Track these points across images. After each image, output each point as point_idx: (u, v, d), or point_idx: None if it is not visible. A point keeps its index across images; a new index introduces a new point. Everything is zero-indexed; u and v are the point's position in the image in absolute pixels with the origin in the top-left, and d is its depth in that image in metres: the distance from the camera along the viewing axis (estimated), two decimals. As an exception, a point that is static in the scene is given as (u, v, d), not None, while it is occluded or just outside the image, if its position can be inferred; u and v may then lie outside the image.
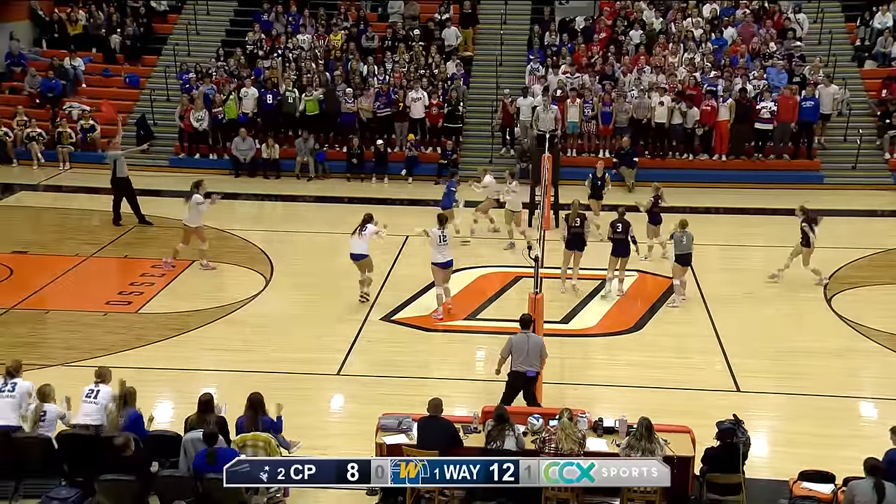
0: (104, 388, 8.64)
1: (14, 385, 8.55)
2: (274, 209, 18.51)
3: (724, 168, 19.60)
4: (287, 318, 12.68)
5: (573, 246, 13.30)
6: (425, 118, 20.19)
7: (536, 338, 9.38)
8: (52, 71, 21.26)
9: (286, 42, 22.24)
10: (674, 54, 21.04)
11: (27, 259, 14.74)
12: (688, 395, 10.50)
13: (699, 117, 19.35)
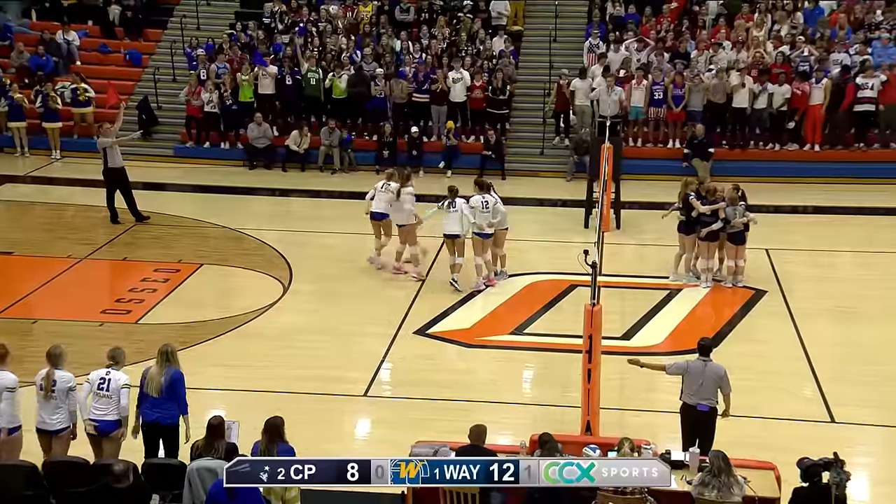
0: (115, 376, 8.82)
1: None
2: (293, 206, 18.73)
3: (816, 160, 19.38)
4: (307, 330, 12.84)
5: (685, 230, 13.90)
6: (467, 102, 20.29)
7: (717, 367, 9.24)
8: (42, 46, 21.65)
9: (309, 14, 22.50)
10: (759, 27, 20.88)
11: (12, 261, 15.11)
12: (772, 426, 10.44)
13: (788, 99, 19.14)
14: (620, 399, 10.92)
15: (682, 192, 14.10)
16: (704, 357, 9.28)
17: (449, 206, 13.80)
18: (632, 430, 9.26)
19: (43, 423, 8.84)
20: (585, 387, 9.58)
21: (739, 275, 14.11)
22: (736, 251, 13.94)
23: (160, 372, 8.85)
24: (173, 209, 17.35)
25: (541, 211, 17.42)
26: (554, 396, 11.12)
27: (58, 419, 8.82)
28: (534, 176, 19.64)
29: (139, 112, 20.85)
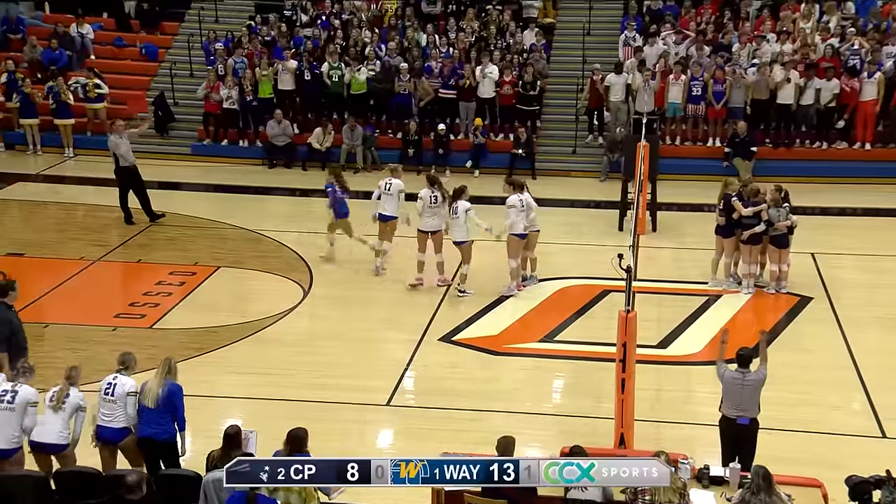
0: (122, 381, 8.87)
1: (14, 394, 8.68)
2: (313, 206, 18.78)
3: (867, 159, 19.20)
4: (328, 336, 12.90)
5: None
6: (496, 99, 20.28)
7: (756, 376, 9.21)
8: (55, 39, 21.88)
9: (332, 6, 22.60)
10: (806, 18, 20.71)
11: (23, 262, 15.25)
12: (817, 440, 10.36)
13: (837, 95, 18.95)
14: (656, 411, 10.87)
15: (722, 193, 14.01)
16: (743, 368, 9.21)
17: (451, 212, 13.71)
18: (668, 444, 9.22)
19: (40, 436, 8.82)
20: (619, 397, 9.55)
21: (783, 280, 14.00)
22: (779, 255, 13.83)
23: (158, 383, 8.88)
24: (189, 209, 17.47)
25: (573, 212, 17.38)
26: (586, 407, 11.09)
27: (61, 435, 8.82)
28: (565, 176, 19.60)
29: (155, 108, 21.00)
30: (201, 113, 20.89)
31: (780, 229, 13.60)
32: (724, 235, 14.02)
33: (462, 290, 13.86)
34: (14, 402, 8.68)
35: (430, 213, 13.97)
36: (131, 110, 20.41)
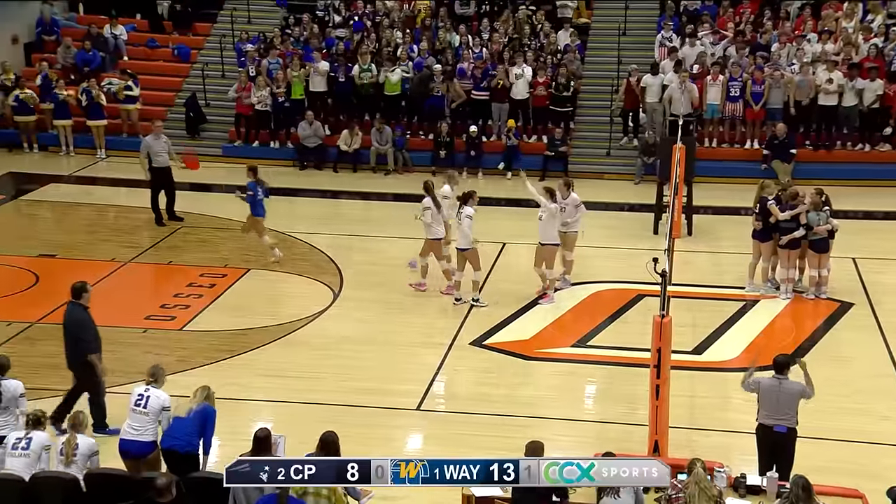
0: (155, 394, 8.84)
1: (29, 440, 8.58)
2: (344, 208, 18.88)
3: (912, 162, 19.01)
4: (358, 339, 12.93)
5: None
6: (529, 100, 20.25)
7: (794, 385, 9.13)
8: (88, 41, 22.12)
9: (364, 7, 22.68)
10: (849, 17, 20.48)
11: (55, 264, 15.45)
12: (859, 450, 10.25)
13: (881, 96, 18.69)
14: (691, 417, 10.81)
15: (758, 195, 13.91)
16: (780, 375, 9.12)
17: (458, 218, 13.61)
18: (703, 452, 9.13)
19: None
20: (653, 404, 9.47)
21: (823, 285, 13.85)
22: (819, 260, 13.69)
23: (192, 401, 8.82)
24: (220, 211, 17.59)
25: (607, 216, 17.29)
26: (619, 413, 11.05)
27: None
28: (599, 178, 19.54)
29: (187, 109, 21.18)
30: (232, 114, 21.04)
31: (819, 234, 13.47)
32: (760, 239, 13.91)
33: (476, 298, 13.70)
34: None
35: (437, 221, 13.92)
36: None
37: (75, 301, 10.35)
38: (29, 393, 11.07)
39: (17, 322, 13.20)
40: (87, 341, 10.26)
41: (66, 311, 10.44)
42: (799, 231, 13.50)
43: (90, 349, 10.22)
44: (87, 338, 10.27)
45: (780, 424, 9.00)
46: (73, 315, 10.32)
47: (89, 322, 10.34)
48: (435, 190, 14.16)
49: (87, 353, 10.21)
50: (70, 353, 10.39)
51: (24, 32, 23.01)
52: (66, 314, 10.42)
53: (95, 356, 10.24)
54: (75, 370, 10.44)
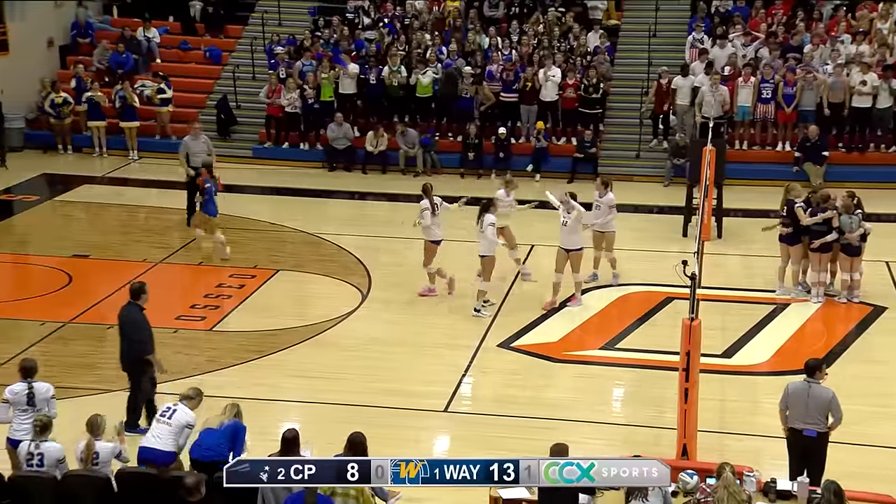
0: (184, 409, 8.82)
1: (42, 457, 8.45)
2: (372, 209, 18.92)
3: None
4: (386, 341, 12.95)
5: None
6: (558, 102, 20.21)
7: (823, 389, 9.05)
8: (122, 44, 22.32)
9: (394, 9, 22.73)
10: (883, 18, 20.26)
11: (88, 264, 15.60)
12: (892, 456, 10.15)
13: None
14: (720, 421, 10.74)
15: (784, 198, 13.80)
16: (810, 378, 9.03)
17: (479, 225, 13.41)
18: (732, 456, 9.07)
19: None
20: (682, 407, 9.43)
21: (855, 289, 13.71)
22: (851, 263, 13.55)
23: (221, 417, 8.81)
24: (250, 212, 17.69)
25: (636, 218, 17.22)
26: (647, 417, 11.00)
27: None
28: (629, 180, 19.41)
29: (218, 111, 21.32)
30: (263, 116, 21.15)
31: (850, 240, 13.32)
32: (788, 243, 13.79)
33: (478, 308, 13.52)
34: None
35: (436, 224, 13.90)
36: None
37: (133, 301, 10.44)
38: (61, 392, 11.21)
39: (50, 322, 13.33)
40: (141, 342, 10.34)
41: (122, 312, 10.51)
42: (831, 235, 13.37)
43: (144, 350, 10.31)
44: (141, 338, 10.35)
45: (810, 428, 8.92)
46: (130, 315, 10.41)
47: (144, 323, 10.41)
48: (506, 189, 14.27)
49: (142, 354, 10.29)
50: (125, 354, 10.48)
51: (60, 35, 23.25)
52: (122, 314, 10.50)
53: (153, 356, 10.33)
54: (129, 370, 10.52)
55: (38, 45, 22.46)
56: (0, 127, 20.50)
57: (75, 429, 8.64)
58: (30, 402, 8.95)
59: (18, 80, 21.41)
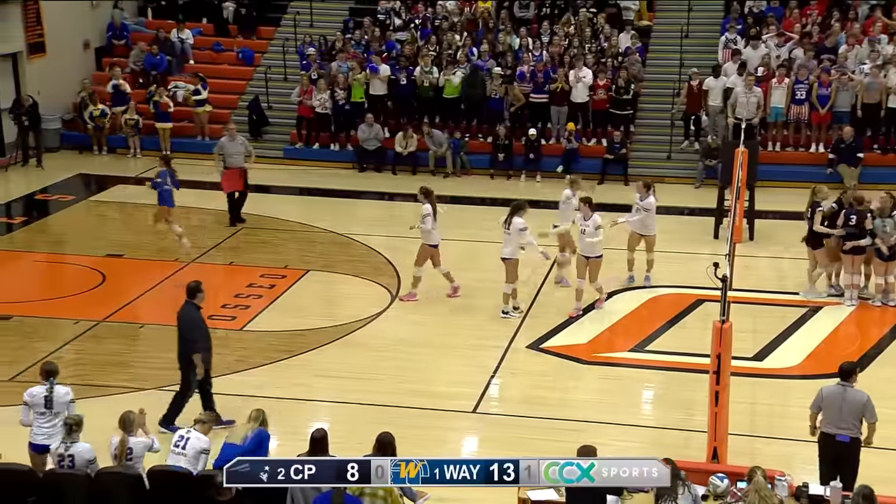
0: (195, 436, 8.62)
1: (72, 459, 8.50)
2: (402, 210, 18.91)
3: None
4: (415, 341, 12.97)
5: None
6: (589, 103, 20.12)
7: (858, 393, 8.96)
8: (155, 45, 22.51)
9: (425, 10, 22.75)
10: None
11: (121, 263, 15.74)
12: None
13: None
14: (751, 425, 10.66)
15: (811, 201, 13.66)
16: (844, 382, 8.92)
17: (505, 226, 13.32)
18: (763, 460, 9.00)
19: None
20: (712, 410, 9.38)
21: (890, 293, 13.54)
22: (886, 267, 13.38)
23: (247, 427, 8.75)
24: (280, 212, 17.77)
25: (666, 219, 17.00)
26: (676, 419, 10.95)
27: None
28: (659, 182, 19.15)
29: (250, 112, 21.43)
30: (294, 117, 21.24)
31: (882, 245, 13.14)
32: (812, 246, 13.64)
33: (506, 310, 13.51)
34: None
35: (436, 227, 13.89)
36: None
37: (189, 300, 10.54)
38: (93, 390, 11.43)
39: (84, 320, 13.45)
40: (194, 341, 10.44)
41: (180, 311, 10.62)
42: (865, 241, 13.22)
43: (196, 349, 10.40)
44: (195, 337, 10.45)
45: (843, 434, 8.82)
46: (187, 314, 10.54)
47: (200, 322, 10.54)
48: (571, 188, 14.11)
49: (194, 353, 10.38)
50: (180, 351, 10.59)
51: (96, 37, 23.49)
52: (180, 313, 10.61)
53: (199, 356, 10.41)
54: (182, 367, 10.63)
55: (74, 46, 22.70)
56: (37, 128, 20.74)
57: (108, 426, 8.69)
58: (47, 404, 8.95)
59: (55, 81, 21.68)
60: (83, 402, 10.05)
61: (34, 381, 11.57)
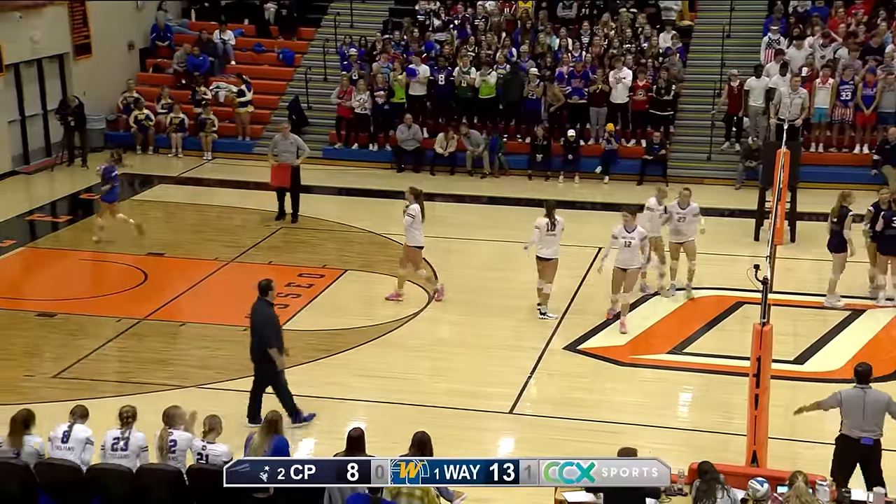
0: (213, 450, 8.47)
1: (127, 442, 8.60)
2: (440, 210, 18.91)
3: None
4: (452, 342, 12.98)
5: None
6: (628, 104, 20.00)
7: (879, 394, 8.94)
8: (197, 47, 22.72)
9: (465, 10, 22.74)
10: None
11: (162, 262, 15.90)
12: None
13: None
14: (792, 429, 10.50)
15: (837, 206, 13.45)
16: (863, 384, 8.87)
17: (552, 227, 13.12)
18: (804, 464, 8.87)
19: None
20: (752, 413, 9.28)
21: None
22: None
23: (263, 442, 8.56)
24: (318, 212, 17.85)
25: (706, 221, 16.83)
26: (715, 422, 10.85)
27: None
28: (699, 183, 19.06)
29: (290, 112, 21.55)
30: (333, 117, 21.32)
31: None
32: (835, 251, 13.44)
33: (543, 311, 13.43)
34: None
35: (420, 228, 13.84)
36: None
37: (261, 297, 10.68)
38: (135, 387, 11.55)
39: (126, 318, 13.60)
40: (268, 337, 10.57)
41: (253, 307, 10.76)
42: None
43: (270, 344, 10.53)
44: (269, 334, 10.58)
45: (867, 436, 8.79)
46: (260, 311, 10.66)
47: (273, 318, 10.68)
48: (657, 197, 13.91)
49: (269, 348, 10.51)
50: (254, 348, 10.71)
51: (140, 39, 23.76)
52: (253, 310, 10.75)
53: (275, 351, 10.54)
54: (256, 364, 10.75)
55: (119, 48, 22.98)
56: (82, 128, 21.01)
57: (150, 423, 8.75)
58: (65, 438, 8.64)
59: (100, 82, 21.95)
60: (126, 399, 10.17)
61: (78, 377, 11.91)
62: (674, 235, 13.90)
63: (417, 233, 13.80)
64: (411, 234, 13.82)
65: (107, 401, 10.97)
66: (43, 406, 9.96)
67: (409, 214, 13.71)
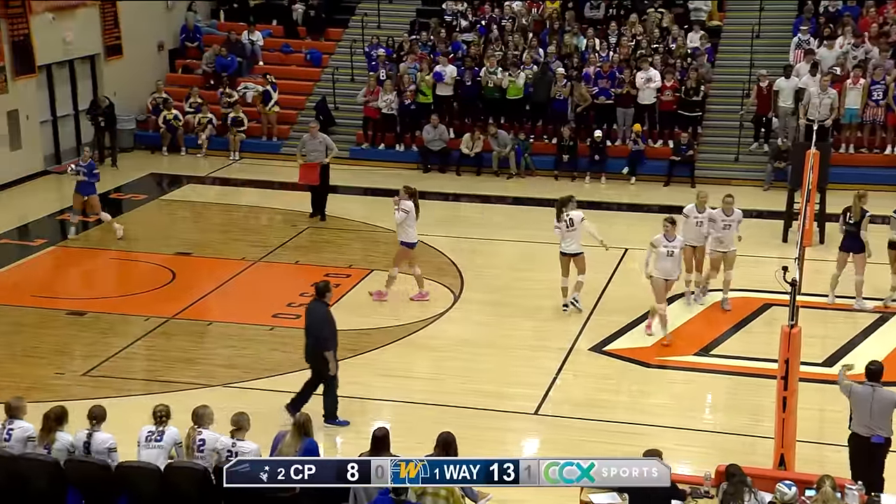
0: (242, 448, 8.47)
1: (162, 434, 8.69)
2: (465, 211, 18.94)
3: None
4: (478, 342, 12.94)
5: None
6: (656, 104, 19.90)
7: (887, 393, 8.92)
8: (225, 47, 22.84)
9: (492, 11, 22.72)
10: None
11: (190, 262, 15.99)
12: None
13: None
14: (820, 432, 10.44)
15: (857, 207, 13.28)
16: (873, 382, 8.87)
17: (571, 223, 13.15)
18: (832, 468, 8.79)
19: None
20: (780, 416, 9.21)
21: None
22: None
23: (293, 444, 8.56)
24: (344, 212, 17.90)
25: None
26: (742, 425, 10.77)
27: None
28: (727, 184, 18.93)
29: (317, 112, 21.61)
30: (360, 118, 21.38)
31: None
32: (855, 251, 13.28)
33: (566, 304, 13.43)
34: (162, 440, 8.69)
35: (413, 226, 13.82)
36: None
37: (319, 299, 10.75)
38: (163, 386, 11.64)
39: (154, 317, 13.69)
40: (325, 338, 10.63)
41: (309, 309, 10.84)
42: None
43: (327, 346, 10.59)
44: (325, 335, 10.64)
45: (877, 435, 8.79)
46: (317, 312, 10.72)
47: (330, 319, 10.72)
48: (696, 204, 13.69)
49: (325, 350, 10.57)
50: (309, 348, 10.78)
51: (170, 39, 23.93)
52: (309, 311, 10.82)
53: (331, 353, 10.58)
54: (313, 364, 10.81)
55: (149, 48, 23.16)
56: (112, 128, 21.18)
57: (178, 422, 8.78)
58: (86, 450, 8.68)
59: (130, 82, 22.12)
60: (155, 398, 10.28)
61: (108, 374, 12.01)
62: (715, 244, 13.53)
63: (411, 230, 13.78)
64: (404, 231, 13.80)
65: (135, 399, 11.09)
66: (73, 403, 10.02)
67: (403, 210, 13.67)
